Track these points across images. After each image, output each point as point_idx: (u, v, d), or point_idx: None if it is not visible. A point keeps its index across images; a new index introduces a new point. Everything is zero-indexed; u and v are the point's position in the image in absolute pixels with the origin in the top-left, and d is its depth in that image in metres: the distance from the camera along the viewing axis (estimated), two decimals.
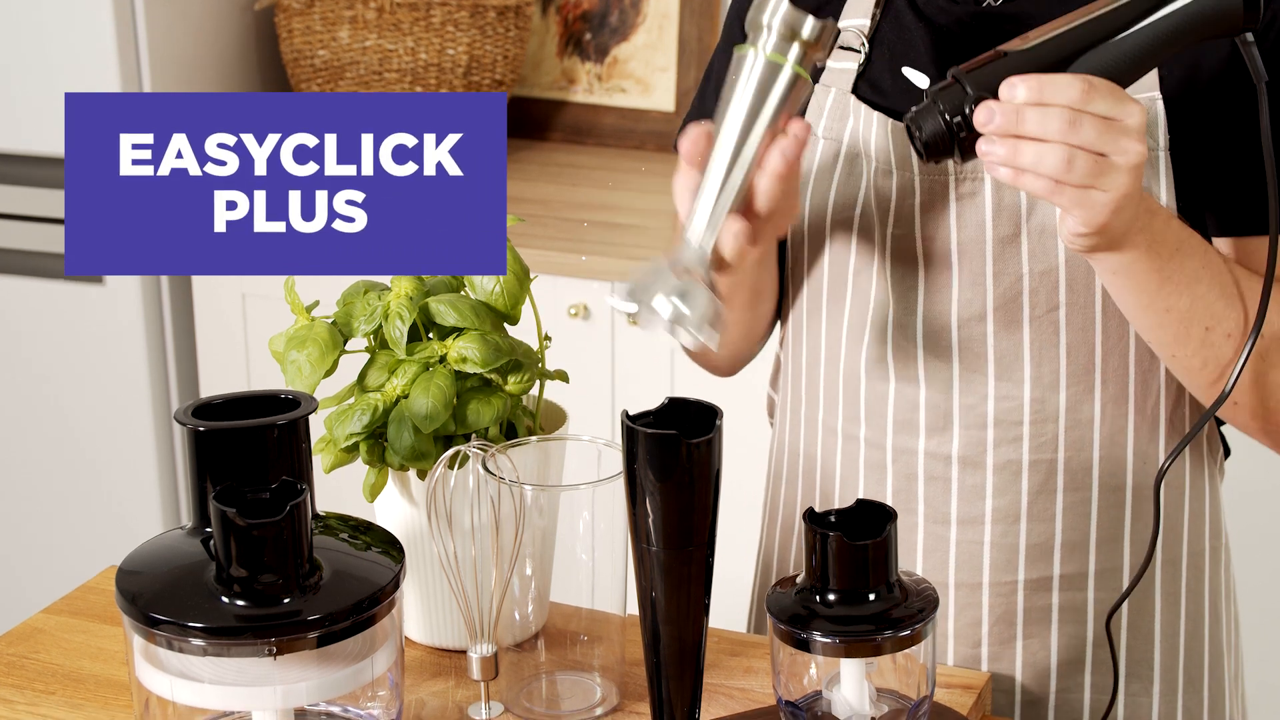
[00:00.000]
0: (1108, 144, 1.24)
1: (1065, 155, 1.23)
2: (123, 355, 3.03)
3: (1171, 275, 1.35)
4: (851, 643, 1.23)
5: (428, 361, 1.43)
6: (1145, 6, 1.27)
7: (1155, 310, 1.37)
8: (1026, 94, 1.24)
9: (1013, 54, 1.27)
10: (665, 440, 1.21)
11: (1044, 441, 1.48)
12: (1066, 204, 1.26)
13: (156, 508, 3.09)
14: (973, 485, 1.49)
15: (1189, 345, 1.38)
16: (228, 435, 1.26)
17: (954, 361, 1.47)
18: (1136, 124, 1.25)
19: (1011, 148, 1.24)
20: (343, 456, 1.44)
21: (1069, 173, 1.24)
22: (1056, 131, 1.23)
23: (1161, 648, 1.53)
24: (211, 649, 1.21)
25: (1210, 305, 1.37)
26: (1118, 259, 1.33)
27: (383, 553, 1.29)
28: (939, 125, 1.27)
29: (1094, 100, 1.24)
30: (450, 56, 3.05)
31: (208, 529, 1.26)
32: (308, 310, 1.47)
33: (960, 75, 1.27)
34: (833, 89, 1.50)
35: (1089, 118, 1.23)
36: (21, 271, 3.04)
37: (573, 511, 1.36)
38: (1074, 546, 1.49)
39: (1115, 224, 1.28)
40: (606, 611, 1.39)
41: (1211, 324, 1.37)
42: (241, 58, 3.18)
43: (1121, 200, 1.26)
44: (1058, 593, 1.51)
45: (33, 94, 2.94)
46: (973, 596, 1.51)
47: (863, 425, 1.52)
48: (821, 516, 1.26)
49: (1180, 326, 1.37)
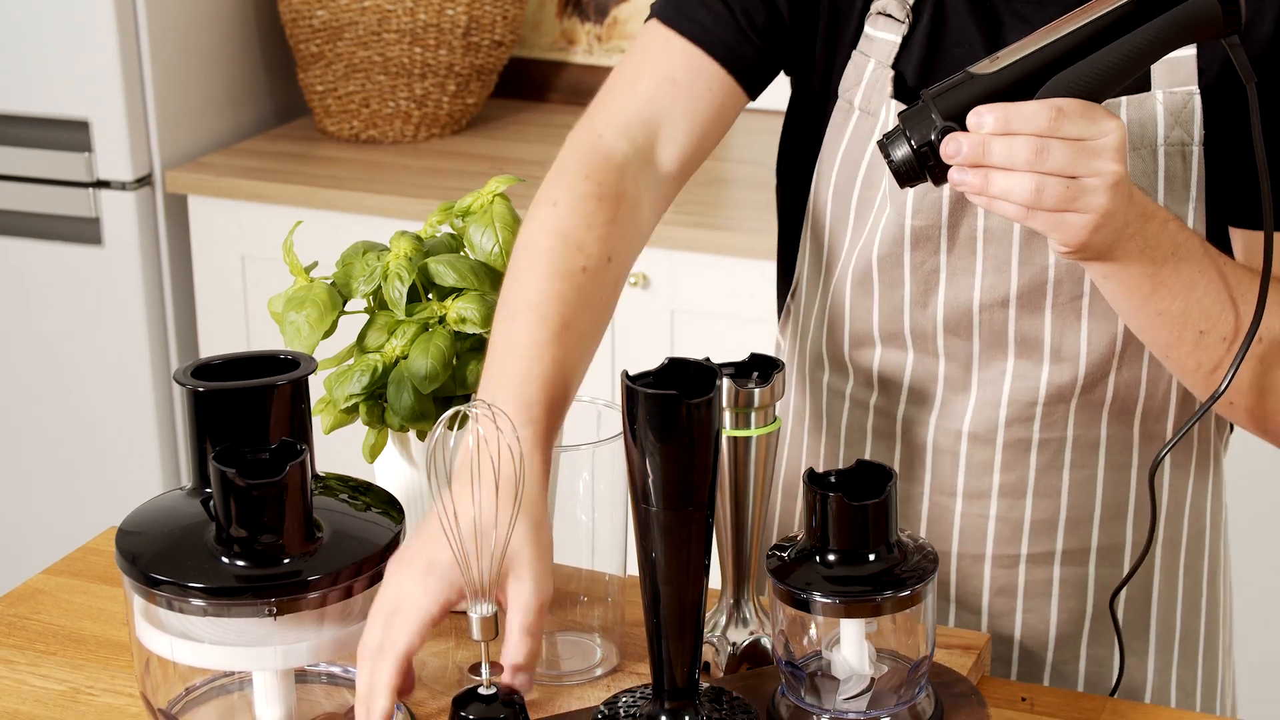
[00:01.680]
0: (1080, 166, 1.22)
1: (1034, 183, 1.21)
2: (122, 316, 3.03)
3: (1165, 280, 1.32)
4: (851, 603, 1.23)
5: (427, 322, 1.43)
6: (1121, 21, 1.24)
7: (1147, 313, 1.35)
8: (994, 124, 1.22)
9: (981, 76, 1.25)
10: (665, 400, 1.20)
11: (1055, 420, 1.47)
12: (1042, 228, 1.25)
13: (156, 468, 3.10)
14: (981, 460, 1.49)
15: (1183, 348, 1.36)
16: (227, 396, 1.26)
17: (975, 341, 1.46)
18: (1112, 143, 1.23)
19: (982, 177, 1.23)
20: (342, 417, 1.44)
21: (1039, 199, 1.22)
22: (1024, 161, 1.21)
23: (1157, 621, 1.54)
24: (212, 609, 1.21)
25: (1206, 309, 1.34)
26: (1107, 267, 1.31)
27: (382, 513, 1.29)
28: (908, 153, 1.26)
29: (1064, 125, 1.21)
30: (449, 17, 3.04)
31: (207, 490, 1.26)
32: (306, 271, 1.47)
33: (929, 100, 1.25)
34: (872, 59, 1.47)
35: (1057, 143, 1.21)
36: (20, 233, 3.03)
37: (573, 472, 1.36)
38: (1078, 523, 1.50)
39: (1097, 241, 1.26)
40: (606, 572, 1.39)
41: (1206, 327, 1.35)
42: (240, 18, 3.17)
43: (1101, 220, 1.24)
44: (1059, 567, 1.51)
45: (26, 55, 2.93)
46: (975, 568, 1.51)
47: (875, 392, 1.52)
48: (822, 477, 1.26)
49: (1174, 329, 1.35)
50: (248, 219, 2.96)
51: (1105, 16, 1.24)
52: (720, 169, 2.91)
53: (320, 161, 3.05)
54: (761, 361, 1.36)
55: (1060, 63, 1.24)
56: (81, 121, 2.95)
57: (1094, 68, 1.24)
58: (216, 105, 3.14)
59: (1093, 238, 1.25)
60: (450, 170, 2.99)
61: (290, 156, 3.08)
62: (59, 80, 2.94)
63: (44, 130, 2.97)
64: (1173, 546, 1.53)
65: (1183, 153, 1.41)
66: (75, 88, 2.93)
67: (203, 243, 3.01)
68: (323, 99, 3.14)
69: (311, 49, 3.09)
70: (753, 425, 1.34)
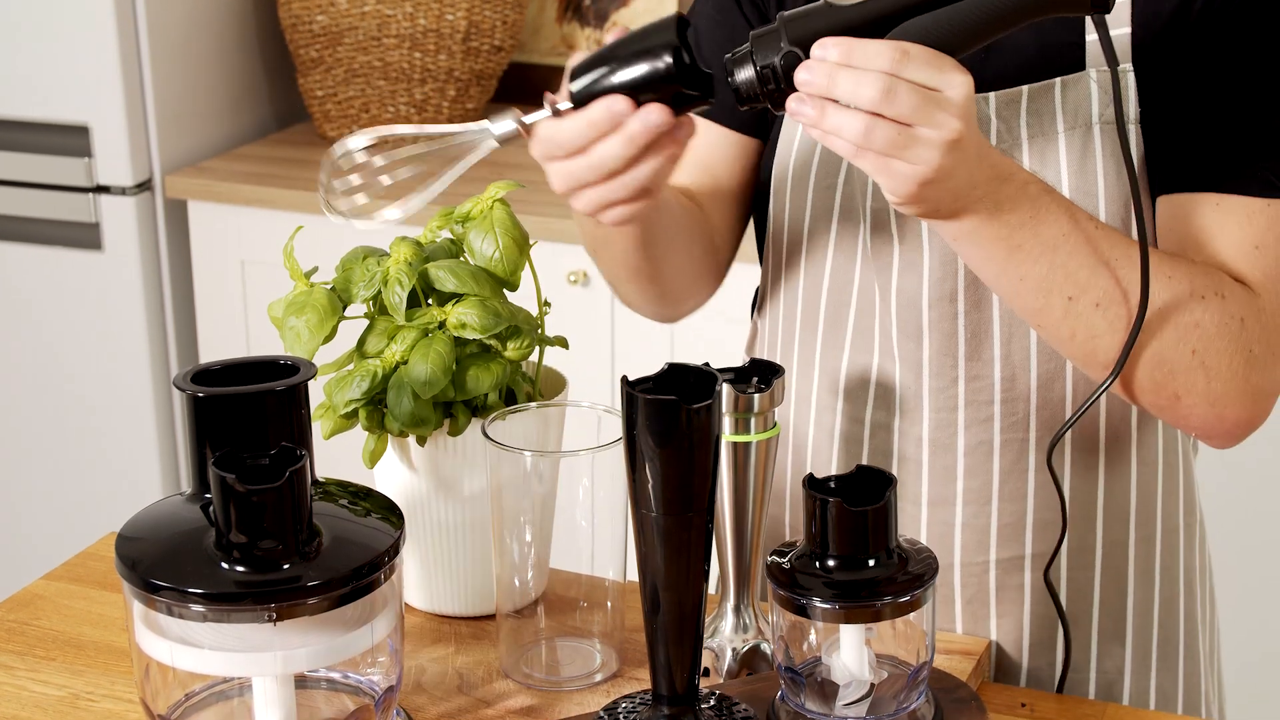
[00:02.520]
0: (920, 115, 1.19)
1: (865, 123, 1.19)
2: (122, 321, 3.03)
3: (1023, 243, 1.29)
4: (851, 608, 1.23)
5: (427, 327, 1.43)
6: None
7: (1009, 278, 1.31)
8: (837, 56, 1.20)
9: (838, 8, 1.23)
10: (665, 406, 1.20)
11: (1015, 421, 1.47)
12: (869, 169, 1.22)
13: (156, 474, 3.10)
14: (944, 467, 1.49)
15: (1052, 314, 1.32)
16: (227, 401, 1.26)
17: (924, 344, 1.46)
18: (959, 96, 1.20)
19: (819, 108, 1.21)
20: (342, 423, 1.44)
21: (868, 139, 1.20)
22: (868, 99, 1.19)
23: (1134, 625, 1.53)
24: (211, 615, 1.21)
25: (1072, 273, 1.31)
26: (954, 227, 1.29)
27: (382, 519, 1.29)
28: (752, 74, 1.24)
29: (907, 68, 1.19)
30: (449, 22, 3.04)
31: (207, 495, 1.25)
32: (306, 276, 1.47)
33: (781, 24, 1.23)
34: None
35: (904, 87, 1.19)
36: (20, 238, 3.04)
37: (572, 478, 1.36)
38: (1045, 525, 1.49)
39: (931, 195, 1.23)
40: (606, 577, 1.39)
41: (1075, 293, 1.31)
42: (240, 23, 3.17)
43: (933, 174, 1.21)
44: (1030, 572, 1.50)
45: (26, 61, 2.93)
46: (945, 576, 1.51)
47: (840, 398, 1.52)
48: (821, 482, 1.26)
49: (1039, 295, 1.31)
50: (247, 224, 2.96)
51: None
52: None
53: (320, 166, 3.05)
54: (761, 367, 1.36)
55: (920, 7, 1.22)
56: (81, 126, 2.95)
57: (952, 17, 1.22)
58: (216, 110, 3.14)
59: (924, 191, 1.22)
60: None
61: (290, 161, 3.08)
62: (59, 85, 2.94)
63: (44, 135, 2.98)
64: (1147, 545, 1.52)
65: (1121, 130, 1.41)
66: (75, 93, 2.93)
67: (203, 248, 3.01)
68: (322, 104, 3.14)
69: (311, 54, 3.09)
70: (752, 430, 1.34)
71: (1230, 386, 1.35)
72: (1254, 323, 1.35)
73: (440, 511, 1.45)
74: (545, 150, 1.26)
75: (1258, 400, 1.37)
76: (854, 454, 1.52)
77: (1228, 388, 1.35)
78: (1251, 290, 1.36)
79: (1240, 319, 1.34)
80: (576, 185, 1.26)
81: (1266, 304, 1.36)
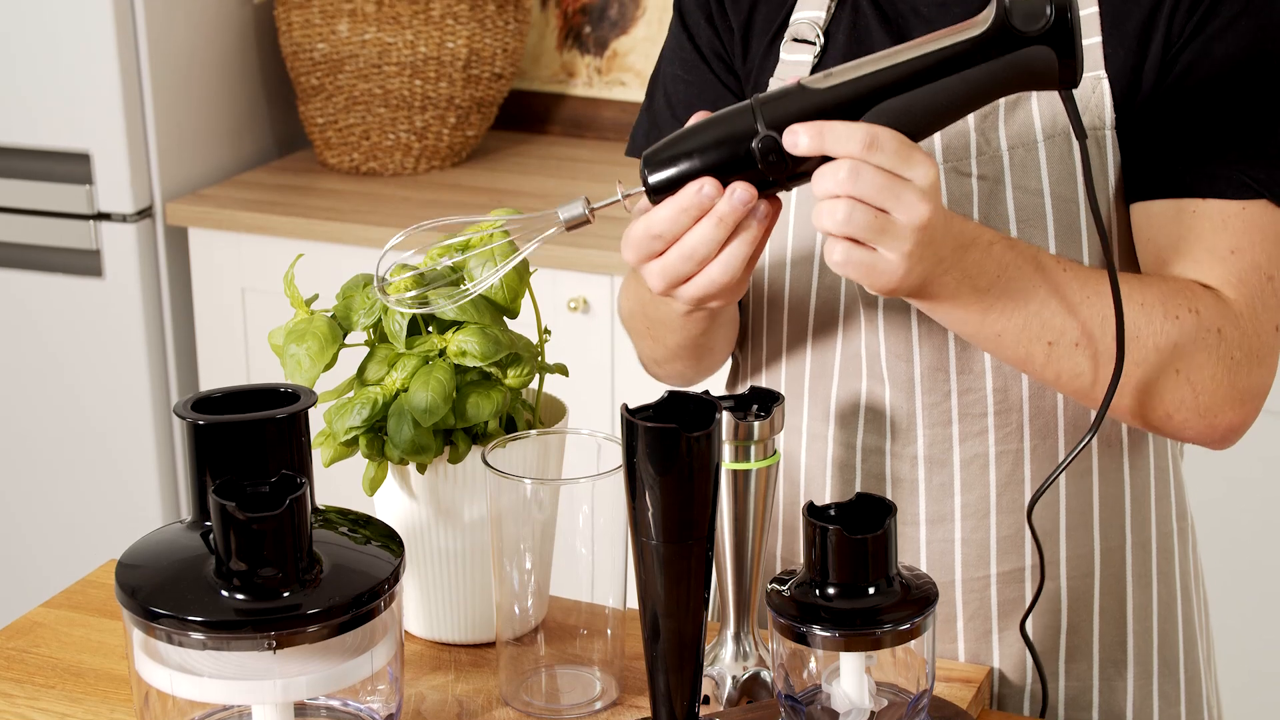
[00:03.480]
0: (888, 200, 1.22)
1: (846, 208, 1.21)
2: (123, 348, 3.03)
3: (994, 303, 1.32)
4: (851, 636, 1.23)
5: (427, 355, 1.43)
6: (958, 58, 1.24)
7: (986, 336, 1.34)
8: (807, 143, 1.22)
9: (811, 90, 1.25)
10: (665, 434, 1.20)
11: (1009, 432, 1.48)
12: (852, 269, 1.24)
13: (156, 501, 3.10)
14: (940, 483, 1.49)
15: (1034, 363, 1.35)
16: (227, 429, 1.26)
17: (915, 361, 1.47)
18: (924, 182, 1.22)
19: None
20: (342, 450, 1.44)
21: (849, 226, 1.22)
22: (837, 183, 1.21)
23: (1134, 631, 1.54)
24: (211, 643, 1.21)
25: (1047, 320, 1.33)
26: (923, 303, 1.32)
27: (382, 546, 1.29)
28: None
29: (878, 153, 1.21)
30: (450, 49, 3.05)
31: (207, 523, 1.26)
32: (307, 304, 1.47)
33: (756, 106, 1.25)
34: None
35: (870, 169, 1.21)
36: (21, 265, 3.04)
37: (572, 505, 1.36)
38: (1044, 534, 1.49)
39: (906, 285, 1.26)
40: (606, 605, 1.39)
41: (1054, 338, 1.34)
42: (241, 51, 3.18)
43: (907, 263, 1.24)
44: (1030, 584, 1.51)
45: (27, 88, 2.94)
46: (946, 594, 1.51)
47: (831, 424, 1.52)
48: (821, 510, 1.26)
49: (1019, 346, 1.34)
50: (248, 251, 2.96)
51: (943, 50, 1.24)
52: None
53: (321, 194, 3.06)
54: (761, 395, 1.36)
55: (891, 89, 1.24)
56: (82, 154, 2.96)
57: (922, 99, 1.24)
58: (217, 137, 3.14)
59: (903, 283, 1.26)
60: (451, 202, 2.99)
61: (291, 189, 3.09)
62: (60, 113, 2.95)
63: (45, 163, 2.98)
64: (1143, 550, 1.53)
65: (1095, 138, 1.42)
66: (76, 120, 2.94)
67: (203, 275, 3.01)
68: (323, 131, 3.14)
69: (312, 81, 3.10)
70: (752, 458, 1.34)
71: (1217, 397, 1.38)
72: (1231, 330, 1.38)
73: (440, 539, 1.45)
74: (639, 249, 1.28)
75: (1246, 402, 1.40)
76: (848, 480, 1.52)
77: (1215, 398, 1.38)
78: (1223, 298, 1.38)
79: (1217, 330, 1.37)
80: (676, 280, 1.27)
81: (1243, 309, 1.38)
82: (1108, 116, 1.42)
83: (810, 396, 1.53)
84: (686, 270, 1.27)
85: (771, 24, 1.53)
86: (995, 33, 1.24)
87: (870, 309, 1.48)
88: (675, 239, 1.26)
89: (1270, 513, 2.74)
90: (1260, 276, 1.39)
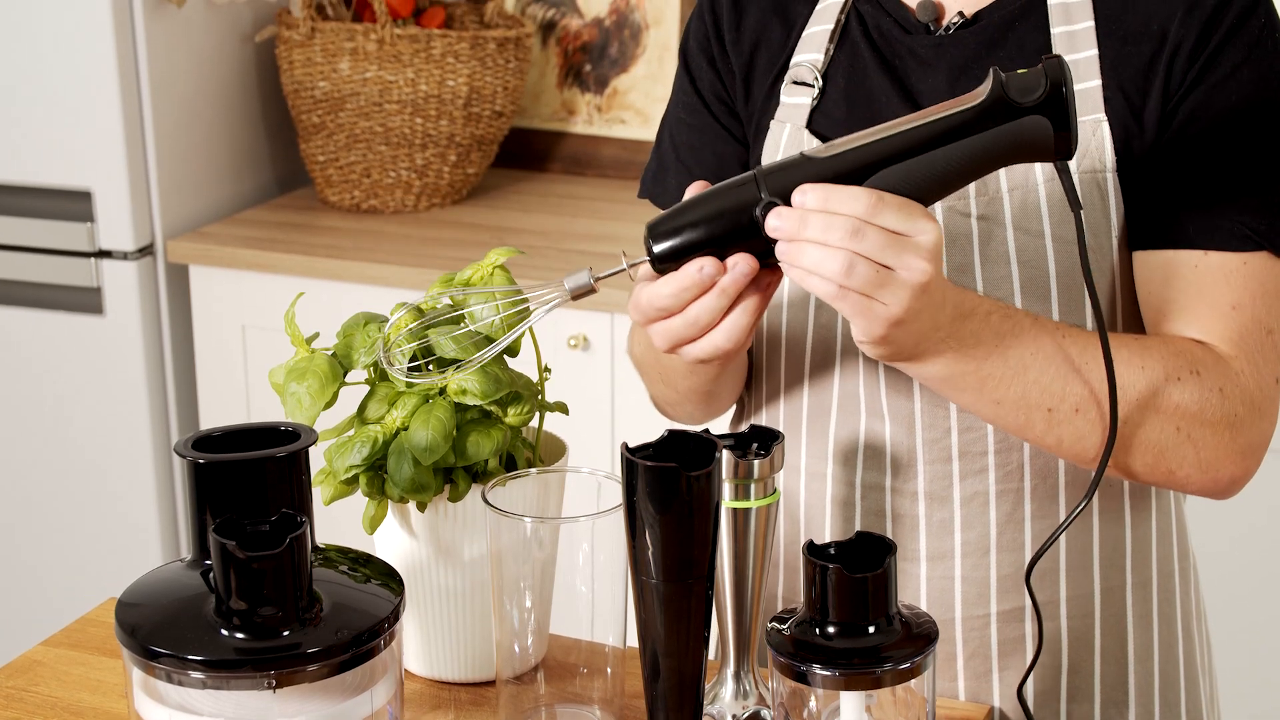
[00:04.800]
0: (892, 257, 1.23)
1: (846, 260, 1.23)
2: (124, 386, 3.03)
3: (992, 372, 1.33)
4: (851, 675, 1.23)
5: (427, 393, 1.43)
6: (958, 129, 1.27)
7: (985, 404, 1.36)
8: (815, 201, 1.24)
9: (814, 159, 1.27)
10: (665, 473, 1.21)
11: (1010, 470, 1.48)
12: (849, 311, 1.26)
13: (156, 540, 3.09)
14: (941, 520, 1.49)
15: (1035, 429, 1.37)
16: (228, 468, 1.26)
17: (915, 398, 1.47)
18: (928, 242, 1.24)
19: (797, 249, 1.24)
20: (343, 488, 1.44)
21: (849, 278, 1.23)
22: (838, 239, 1.23)
23: (1136, 672, 1.53)
24: (211, 682, 1.21)
25: (1046, 387, 1.35)
26: (920, 369, 1.33)
27: (382, 585, 1.29)
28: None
29: (881, 214, 1.23)
30: (450, 88, 3.06)
31: (207, 561, 1.26)
32: (307, 342, 1.47)
33: (760, 176, 1.27)
34: (787, 125, 1.52)
35: (874, 229, 1.23)
36: (21, 303, 3.04)
37: (572, 543, 1.36)
38: (1044, 574, 1.50)
39: (899, 337, 1.27)
40: (606, 643, 1.39)
41: (1053, 405, 1.36)
42: (242, 89, 3.19)
43: (903, 315, 1.25)
44: (1029, 623, 1.51)
45: (29, 126, 2.95)
46: (946, 632, 1.51)
47: (830, 461, 1.52)
48: (821, 549, 1.26)
49: (1019, 413, 1.36)
50: (249, 288, 2.97)
51: (943, 121, 1.27)
52: None
53: (321, 231, 3.06)
54: (761, 433, 1.36)
55: (893, 159, 1.27)
56: (84, 192, 2.96)
57: (922, 168, 1.27)
58: (218, 175, 3.15)
59: (893, 333, 1.26)
60: (451, 240, 3.00)
61: (291, 226, 3.09)
62: (61, 151, 2.95)
63: (46, 200, 2.99)
64: (1143, 590, 1.53)
65: (1096, 180, 1.43)
66: (78, 158, 2.95)
67: (204, 312, 3.01)
68: (324, 169, 3.15)
69: (313, 119, 3.11)
70: (752, 497, 1.34)
71: (1219, 452, 1.39)
72: (1232, 388, 1.39)
73: (440, 577, 1.45)
74: (644, 315, 1.30)
75: (1247, 456, 1.41)
76: (848, 517, 1.52)
77: (1217, 454, 1.39)
78: (1223, 356, 1.39)
79: (1219, 389, 1.38)
80: (679, 342, 1.30)
81: (1244, 364, 1.40)
82: (1108, 159, 1.42)
83: (809, 434, 1.53)
84: (690, 335, 1.29)
85: (773, 67, 1.54)
86: (992, 104, 1.27)
87: None
88: (678, 311, 1.29)
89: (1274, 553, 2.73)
90: (1260, 331, 1.40)
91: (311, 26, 3.04)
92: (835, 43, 1.51)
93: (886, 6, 1.51)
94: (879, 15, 1.51)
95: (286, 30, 3.07)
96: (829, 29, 1.52)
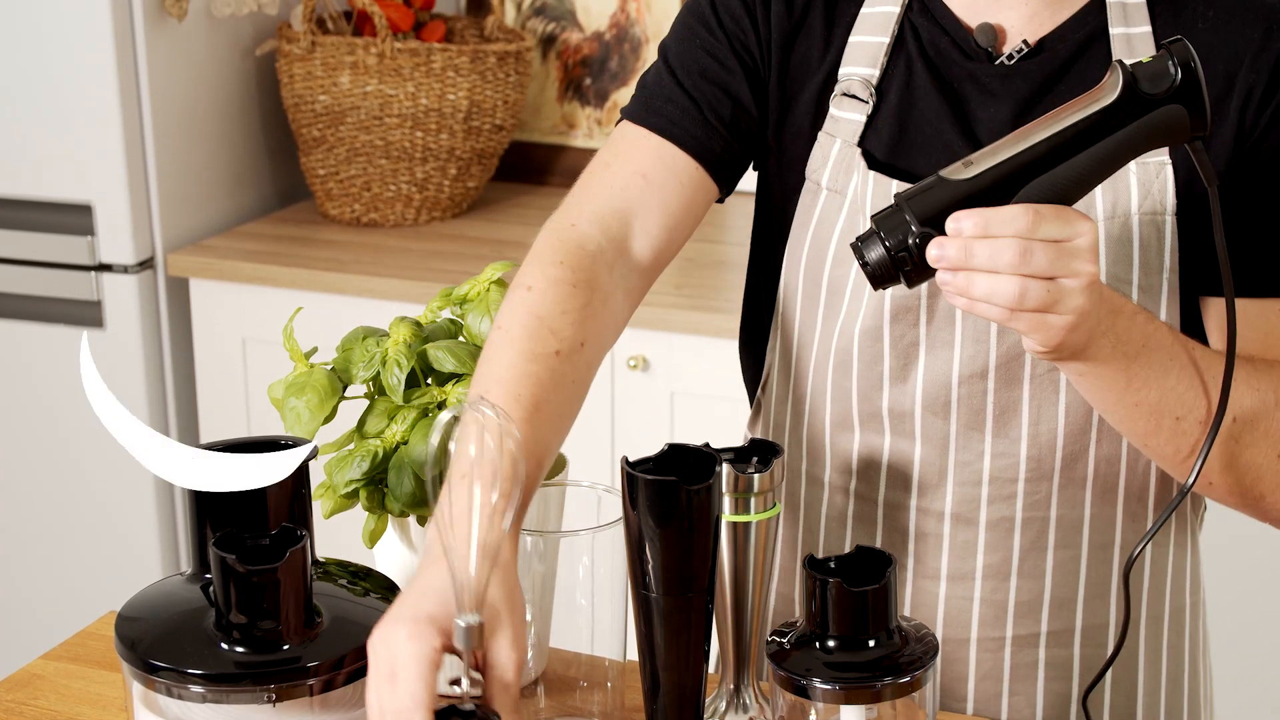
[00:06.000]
0: (1059, 268, 1.24)
1: (1019, 286, 1.23)
2: (124, 399, 3.03)
3: (1138, 372, 1.34)
4: (851, 689, 1.23)
5: (426, 407, 1.43)
6: (1091, 129, 1.26)
7: (1125, 405, 1.36)
8: (973, 228, 1.23)
9: (954, 181, 1.26)
10: (665, 487, 1.21)
11: (1038, 499, 1.47)
12: (1024, 329, 1.26)
13: (156, 553, 3.09)
14: (964, 541, 1.49)
15: (1161, 435, 1.37)
16: None
17: (952, 419, 1.47)
18: (1087, 243, 1.24)
19: (966, 279, 1.24)
20: (342, 502, 1.44)
21: (1023, 301, 1.24)
22: (1008, 264, 1.23)
23: (1144, 705, 1.53)
24: (211, 696, 1.21)
25: (1181, 395, 1.36)
26: (1082, 365, 1.33)
27: (382, 599, 1.29)
28: (884, 255, 1.27)
29: (1042, 227, 1.23)
30: (451, 101, 3.06)
31: (207, 575, 1.26)
32: (306, 357, 1.47)
33: (903, 203, 1.26)
34: (838, 139, 1.49)
35: (1039, 245, 1.23)
36: (22, 316, 3.04)
37: (572, 557, 1.36)
38: (1061, 604, 1.49)
39: (1073, 340, 1.28)
40: (606, 657, 1.39)
41: (1182, 413, 1.36)
42: (243, 103, 3.19)
43: (1077, 320, 1.26)
44: (1044, 649, 1.50)
45: (29, 140, 2.95)
46: (959, 652, 1.51)
47: (854, 478, 1.52)
48: (821, 563, 1.26)
49: (1151, 418, 1.36)
50: (249, 302, 2.97)
51: (1075, 125, 1.26)
52: (719, 252, 2.92)
53: (321, 245, 3.06)
54: (761, 446, 1.36)
55: (1033, 169, 1.26)
56: (84, 205, 2.97)
57: (1067, 174, 1.26)
58: (218, 189, 3.15)
59: (1069, 338, 1.27)
60: (451, 253, 3.00)
61: (291, 240, 3.09)
62: (62, 164, 2.96)
63: (47, 214, 2.99)
64: (1156, 624, 1.53)
65: (1155, 222, 1.43)
66: (78, 172, 2.95)
67: (204, 326, 3.01)
68: (324, 182, 3.15)
69: (313, 133, 3.11)
70: (752, 510, 1.34)
71: None
72: None
73: None
74: None
75: None
76: (868, 534, 1.52)
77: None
78: None
79: None
80: None
81: None
82: (1169, 202, 1.42)
83: (831, 449, 1.53)
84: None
85: (810, 68, 1.51)
86: (1125, 99, 1.26)
87: (907, 364, 1.47)
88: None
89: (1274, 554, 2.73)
90: None
91: (312, 40, 3.04)
92: (889, 57, 1.49)
93: (943, 24, 1.48)
94: (935, 32, 1.48)
95: (287, 44, 3.08)
96: (883, 42, 1.49)
